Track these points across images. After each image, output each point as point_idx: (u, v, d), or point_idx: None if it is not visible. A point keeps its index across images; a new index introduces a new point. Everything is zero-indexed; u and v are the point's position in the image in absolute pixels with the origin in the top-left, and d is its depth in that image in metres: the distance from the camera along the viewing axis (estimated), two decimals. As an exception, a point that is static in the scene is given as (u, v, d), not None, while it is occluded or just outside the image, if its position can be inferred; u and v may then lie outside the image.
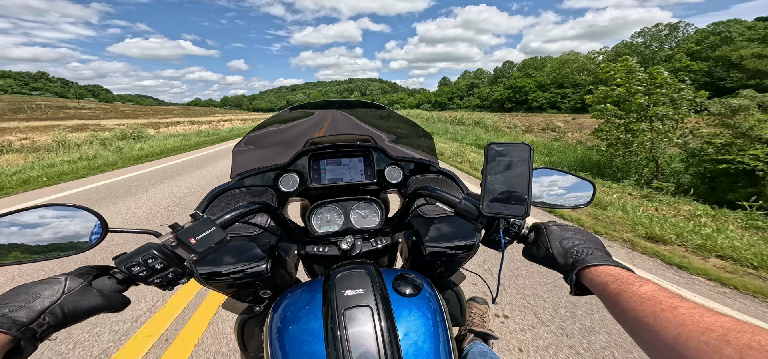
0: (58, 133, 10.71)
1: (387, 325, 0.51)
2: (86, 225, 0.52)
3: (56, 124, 27.42)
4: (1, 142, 11.04)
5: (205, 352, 1.70)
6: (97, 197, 4.81)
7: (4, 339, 0.37)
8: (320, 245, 0.81)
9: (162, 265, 0.50)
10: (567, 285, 0.50)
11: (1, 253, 0.49)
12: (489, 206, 0.53)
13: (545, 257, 0.55)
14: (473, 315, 1.30)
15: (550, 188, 0.71)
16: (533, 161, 0.51)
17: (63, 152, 8.93)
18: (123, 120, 36.79)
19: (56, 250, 0.51)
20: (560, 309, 2.05)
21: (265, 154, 0.97)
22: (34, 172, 6.53)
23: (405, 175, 0.94)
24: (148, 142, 12.11)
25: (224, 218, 0.57)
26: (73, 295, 0.44)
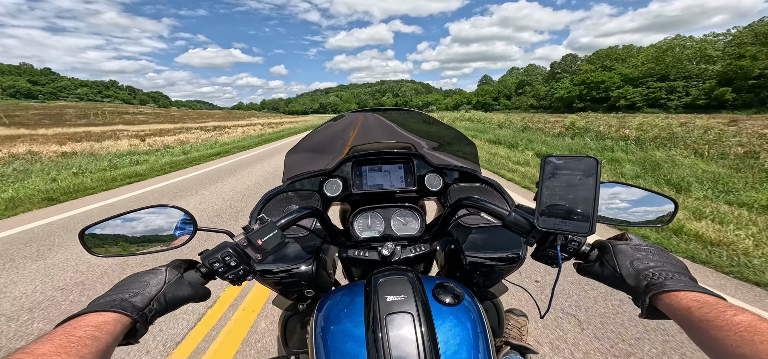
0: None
1: (427, 332, 0.52)
2: (180, 224, 0.61)
3: (116, 128, 29.11)
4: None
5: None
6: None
7: (127, 321, 0.44)
8: (360, 249, 0.82)
9: (235, 263, 0.56)
10: (637, 307, 0.48)
11: (121, 245, 0.59)
12: (545, 221, 0.52)
13: (610, 276, 0.53)
14: (510, 327, 1.26)
15: (611, 201, 0.66)
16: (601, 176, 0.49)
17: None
18: (163, 124, 38.64)
19: (158, 243, 0.60)
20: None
21: (311, 158, 1.05)
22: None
23: (445, 183, 0.95)
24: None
25: (282, 221, 0.61)
26: (172, 286, 0.51)
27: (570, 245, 0.57)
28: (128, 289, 0.48)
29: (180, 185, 6.34)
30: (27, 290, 2.51)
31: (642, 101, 60.98)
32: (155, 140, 14.49)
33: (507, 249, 0.77)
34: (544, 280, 2.55)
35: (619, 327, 2.02)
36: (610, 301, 2.27)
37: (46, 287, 2.56)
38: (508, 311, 1.35)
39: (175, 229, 0.61)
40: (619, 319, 2.08)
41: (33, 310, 2.26)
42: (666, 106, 56.09)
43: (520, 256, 0.76)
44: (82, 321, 0.40)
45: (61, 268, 2.86)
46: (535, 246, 0.60)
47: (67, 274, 2.75)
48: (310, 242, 0.80)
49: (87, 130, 25.63)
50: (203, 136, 17.29)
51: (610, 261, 0.53)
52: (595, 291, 2.38)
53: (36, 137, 17.71)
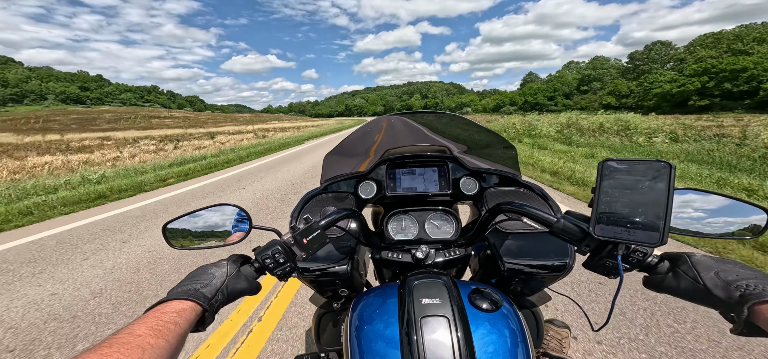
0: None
1: (464, 338, 0.52)
2: (239, 221, 0.68)
3: (138, 134, 29.17)
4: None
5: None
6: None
7: (199, 310, 0.48)
8: (394, 251, 0.83)
9: (283, 259, 0.59)
10: (728, 322, 0.46)
11: (187, 240, 0.66)
12: (602, 229, 0.49)
13: (689, 290, 0.50)
14: (550, 338, 1.21)
15: (682, 210, 0.59)
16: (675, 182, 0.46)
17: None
18: (187, 129, 37.93)
19: (219, 238, 0.66)
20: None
21: (347, 160, 1.08)
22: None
23: (481, 187, 0.94)
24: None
25: (324, 222, 0.62)
26: (232, 279, 0.56)
27: (633, 256, 0.54)
28: (198, 280, 0.53)
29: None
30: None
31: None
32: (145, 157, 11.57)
33: (551, 256, 0.74)
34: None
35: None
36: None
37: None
38: (548, 321, 1.27)
39: (234, 225, 0.67)
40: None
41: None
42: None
43: (566, 265, 0.73)
44: (166, 307, 0.46)
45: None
46: (587, 256, 0.57)
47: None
48: (345, 242, 0.81)
49: (103, 136, 24.83)
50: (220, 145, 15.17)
51: (688, 273, 0.50)
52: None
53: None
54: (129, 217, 4.48)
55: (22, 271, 2.87)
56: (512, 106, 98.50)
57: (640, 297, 2.19)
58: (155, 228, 3.95)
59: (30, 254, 3.26)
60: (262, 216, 4.32)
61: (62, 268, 2.91)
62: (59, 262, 3.03)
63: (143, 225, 4.08)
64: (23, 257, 3.19)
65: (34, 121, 54.56)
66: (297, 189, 5.80)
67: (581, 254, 0.58)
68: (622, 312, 2.06)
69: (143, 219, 4.39)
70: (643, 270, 0.55)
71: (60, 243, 3.56)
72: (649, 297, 2.18)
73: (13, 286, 2.61)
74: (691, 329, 1.90)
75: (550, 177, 6.15)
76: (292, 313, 2.15)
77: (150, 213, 4.64)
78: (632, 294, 2.24)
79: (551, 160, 7.58)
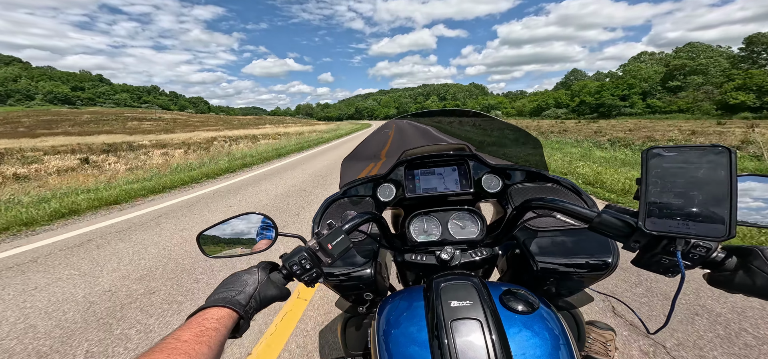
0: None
1: (499, 341, 0.50)
2: (266, 229, 0.69)
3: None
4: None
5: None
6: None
7: (236, 317, 0.50)
8: (417, 253, 0.83)
9: (309, 265, 0.60)
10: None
11: (219, 248, 0.68)
12: (654, 223, 0.46)
13: (765, 287, 0.45)
14: (592, 341, 1.12)
15: (742, 199, 0.53)
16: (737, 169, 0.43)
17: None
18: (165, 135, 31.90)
19: (248, 245, 0.68)
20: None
21: (365, 164, 1.10)
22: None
23: (505, 185, 0.93)
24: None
25: (346, 226, 0.62)
26: (263, 286, 0.57)
27: (694, 252, 0.48)
28: (233, 288, 0.54)
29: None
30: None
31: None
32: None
33: (590, 254, 0.70)
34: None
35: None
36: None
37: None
38: (590, 323, 1.17)
39: (260, 233, 0.69)
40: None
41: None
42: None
43: (609, 263, 0.68)
44: (207, 314, 0.48)
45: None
46: (637, 253, 0.52)
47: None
48: (368, 246, 0.81)
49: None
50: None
51: (763, 269, 0.45)
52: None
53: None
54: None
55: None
56: (558, 109, 77.83)
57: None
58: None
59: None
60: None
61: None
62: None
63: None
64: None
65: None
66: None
67: (629, 251, 0.53)
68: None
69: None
70: (706, 266, 0.50)
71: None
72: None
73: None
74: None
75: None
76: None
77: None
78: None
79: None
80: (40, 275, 2.65)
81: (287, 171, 8.06)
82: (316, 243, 0.60)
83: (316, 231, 0.63)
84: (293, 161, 10.01)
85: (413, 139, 1.22)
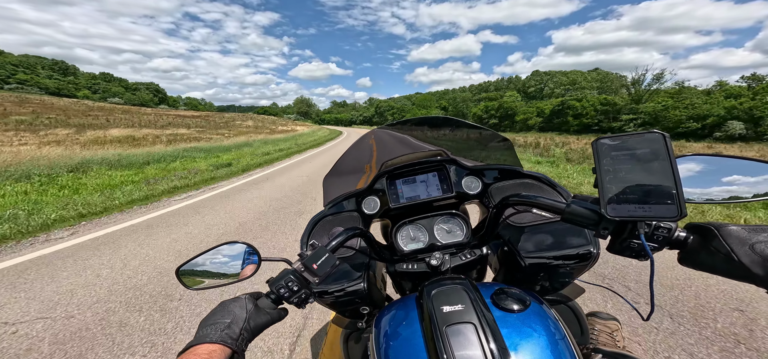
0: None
1: (494, 341, 0.51)
2: (248, 257, 0.71)
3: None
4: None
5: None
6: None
7: (229, 352, 0.51)
8: (408, 262, 0.84)
9: (297, 287, 0.61)
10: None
11: (201, 280, 0.69)
12: (615, 208, 0.48)
13: (726, 266, 0.47)
14: (598, 332, 1.15)
15: (692, 178, 0.58)
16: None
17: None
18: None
19: (231, 275, 0.70)
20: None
21: (347, 179, 1.11)
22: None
23: (485, 184, 0.96)
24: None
25: (332, 244, 0.65)
26: (253, 314, 0.58)
27: (658, 233, 0.51)
28: (222, 320, 0.54)
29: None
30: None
31: None
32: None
33: (574, 245, 0.73)
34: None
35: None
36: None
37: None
38: (591, 315, 1.22)
39: (244, 261, 0.71)
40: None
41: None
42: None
43: (591, 252, 0.72)
44: (198, 350, 0.49)
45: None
46: (609, 239, 0.56)
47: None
48: (359, 260, 0.83)
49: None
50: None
51: (720, 248, 0.47)
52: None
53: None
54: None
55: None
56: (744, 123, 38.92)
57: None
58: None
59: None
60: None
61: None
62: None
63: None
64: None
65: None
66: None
67: (601, 238, 0.57)
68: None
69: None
70: (673, 247, 0.53)
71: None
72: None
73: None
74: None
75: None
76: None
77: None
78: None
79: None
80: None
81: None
82: (301, 265, 0.62)
83: (300, 252, 0.65)
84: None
85: (393, 148, 1.24)
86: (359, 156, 1.22)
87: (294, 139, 24.31)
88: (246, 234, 3.95)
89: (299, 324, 2.13)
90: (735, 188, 0.56)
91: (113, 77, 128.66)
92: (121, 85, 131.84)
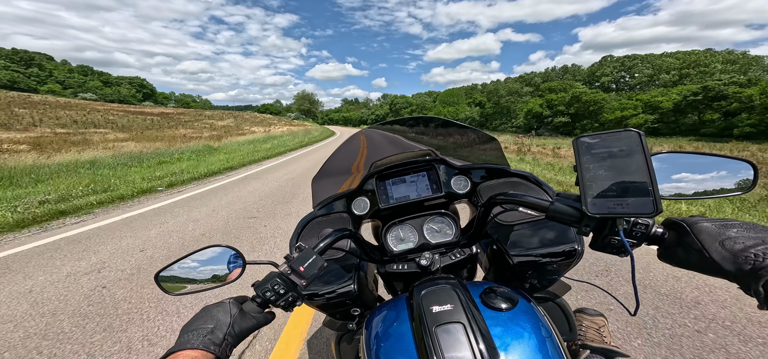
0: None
1: (484, 341, 0.52)
2: (232, 260, 0.70)
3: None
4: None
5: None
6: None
7: (212, 358, 0.50)
8: (398, 263, 0.85)
9: (284, 290, 0.61)
10: (749, 296, 0.42)
11: (182, 285, 0.68)
12: (596, 205, 0.49)
13: (699, 262, 0.47)
14: (586, 328, 1.16)
15: (668, 175, 0.60)
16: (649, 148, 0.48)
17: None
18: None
19: (216, 279, 0.69)
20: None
21: (336, 180, 1.09)
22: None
23: (473, 184, 0.97)
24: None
25: (319, 247, 0.65)
26: (237, 318, 0.57)
27: (636, 229, 0.52)
28: (204, 325, 0.54)
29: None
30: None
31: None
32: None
33: (559, 243, 0.75)
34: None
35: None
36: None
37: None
38: (579, 311, 1.24)
39: (228, 265, 0.70)
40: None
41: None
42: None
43: (576, 250, 0.73)
44: (180, 357, 0.48)
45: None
46: (591, 236, 0.57)
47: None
48: (349, 261, 0.83)
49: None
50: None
51: (693, 244, 0.48)
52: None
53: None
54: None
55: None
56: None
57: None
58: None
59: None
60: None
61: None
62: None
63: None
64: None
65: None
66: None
67: (583, 235, 0.58)
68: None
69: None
70: (651, 242, 0.54)
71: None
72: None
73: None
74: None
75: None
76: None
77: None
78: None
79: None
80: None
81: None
82: (287, 267, 0.62)
83: (286, 255, 0.65)
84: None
85: (383, 148, 1.23)
86: (349, 156, 1.21)
87: (253, 144, 18.05)
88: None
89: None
90: (704, 184, 0.58)
91: (92, 70, 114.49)
92: (100, 79, 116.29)
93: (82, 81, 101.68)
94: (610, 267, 2.69)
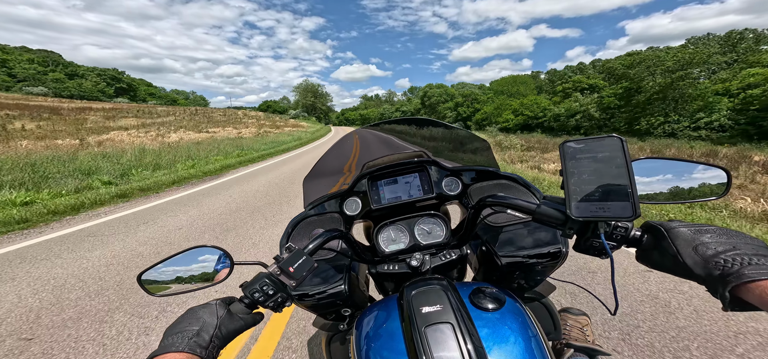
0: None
1: (472, 342, 0.53)
2: (220, 261, 0.69)
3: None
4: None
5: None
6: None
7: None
8: (389, 263, 0.86)
9: (273, 291, 0.62)
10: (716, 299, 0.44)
11: (166, 286, 0.67)
12: (579, 208, 0.51)
13: (673, 265, 0.49)
14: (570, 328, 1.21)
15: (649, 179, 0.63)
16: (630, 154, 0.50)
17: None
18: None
19: (203, 280, 0.68)
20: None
21: (328, 180, 1.12)
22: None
23: (464, 185, 0.99)
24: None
25: (310, 247, 0.65)
26: (224, 319, 0.57)
27: (616, 232, 0.54)
28: (189, 327, 0.53)
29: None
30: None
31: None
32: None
33: (546, 244, 0.77)
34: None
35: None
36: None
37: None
38: (564, 311, 1.28)
39: (215, 265, 0.69)
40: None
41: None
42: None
43: (561, 251, 0.76)
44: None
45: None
46: (575, 238, 0.58)
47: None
48: (340, 262, 0.84)
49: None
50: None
51: (668, 249, 0.49)
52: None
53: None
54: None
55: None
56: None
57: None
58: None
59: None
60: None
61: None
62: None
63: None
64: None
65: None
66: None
67: (567, 237, 0.60)
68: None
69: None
70: (629, 245, 0.56)
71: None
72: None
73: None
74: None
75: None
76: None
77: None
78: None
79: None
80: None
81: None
82: (276, 268, 0.62)
83: (275, 255, 0.65)
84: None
85: (375, 148, 1.25)
86: (341, 156, 1.22)
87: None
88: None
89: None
90: (680, 189, 0.61)
91: (61, 58, 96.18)
92: (64, 71, 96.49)
93: (42, 71, 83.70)
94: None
